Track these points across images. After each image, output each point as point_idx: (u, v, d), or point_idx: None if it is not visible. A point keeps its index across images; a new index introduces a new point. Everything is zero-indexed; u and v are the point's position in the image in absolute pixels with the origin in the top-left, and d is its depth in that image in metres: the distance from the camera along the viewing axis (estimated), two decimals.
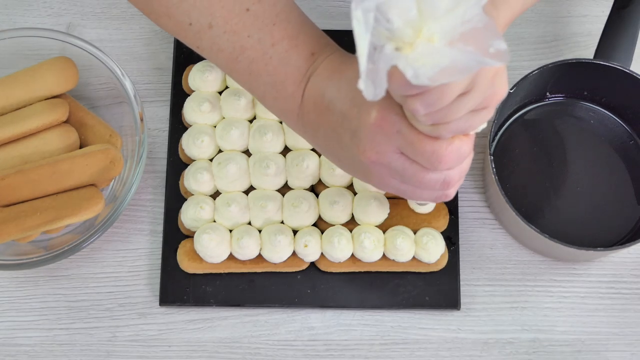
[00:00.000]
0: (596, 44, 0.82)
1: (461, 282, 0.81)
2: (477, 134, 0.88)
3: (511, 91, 0.79)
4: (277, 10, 0.64)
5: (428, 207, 0.81)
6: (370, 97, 0.47)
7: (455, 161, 0.59)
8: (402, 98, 0.53)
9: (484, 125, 0.58)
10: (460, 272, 0.81)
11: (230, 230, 0.81)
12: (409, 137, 0.57)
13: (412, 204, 0.81)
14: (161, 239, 0.82)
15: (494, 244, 0.83)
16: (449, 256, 0.81)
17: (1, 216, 0.78)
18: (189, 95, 0.85)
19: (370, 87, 0.47)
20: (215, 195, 0.82)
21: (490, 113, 0.56)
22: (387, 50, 0.47)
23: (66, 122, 0.82)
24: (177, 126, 0.85)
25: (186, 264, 0.80)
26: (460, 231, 0.83)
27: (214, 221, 0.81)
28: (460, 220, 0.83)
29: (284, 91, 0.64)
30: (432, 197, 0.63)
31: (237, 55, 0.64)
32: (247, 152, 0.83)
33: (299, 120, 0.65)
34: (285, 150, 0.83)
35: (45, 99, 0.82)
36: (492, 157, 0.77)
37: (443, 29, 0.46)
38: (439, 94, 0.50)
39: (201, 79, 0.84)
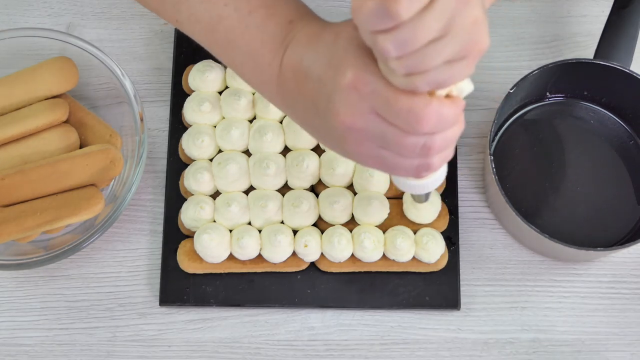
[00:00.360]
0: (596, 44, 0.82)
1: (461, 282, 0.81)
2: (475, 134, 0.88)
3: (511, 91, 0.79)
4: None
5: (427, 213, 0.80)
6: None
7: (436, 124, 0.55)
8: (372, 38, 0.50)
9: (470, 89, 0.55)
10: (460, 272, 0.81)
11: (230, 230, 0.81)
12: (384, 94, 0.54)
13: (410, 212, 0.80)
14: (161, 239, 0.82)
15: (494, 244, 0.83)
16: (449, 256, 0.81)
17: (1, 216, 0.78)
18: (189, 95, 0.85)
19: None
20: (215, 195, 0.82)
21: (469, 66, 0.53)
22: None
23: (66, 122, 0.82)
24: (177, 126, 0.85)
25: (186, 264, 0.80)
26: (460, 231, 0.83)
27: (214, 221, 0.81)
28: (460, 220, 0.83)
29: (261, 60, 0.62)
30: (413, 166, 0.59)
31: (214, 25, 0.63)
32: (247, 152, 0.83)
33: (278, 90, 0.63)
34: (285, 150, 0.83)
35: (45, 99, 0.82)
36: (492, 157, 0.77)
37: None
38: (411, 31, 0.47)
39: (201, 79, 0.84)
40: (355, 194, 0.81)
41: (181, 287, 0.81)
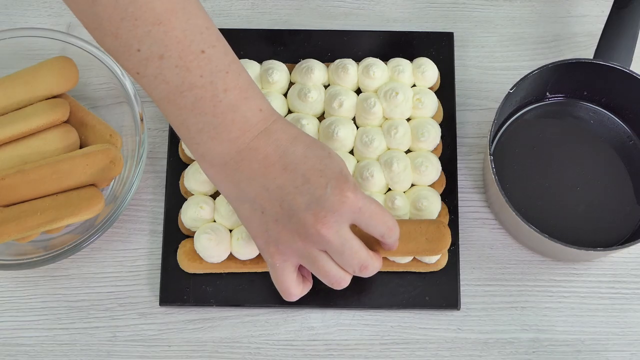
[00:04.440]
0: (596, 44, 0.82)
1: (461, 282, 0.81)
2: (475, 134, 0.89)
3: (511, 91, 0.79)
4: (229, 60, 0.67)
5: (429, 215, 0.80)
6: None
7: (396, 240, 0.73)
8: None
9: None
10: (460, 272, 0.81)
11: (230, 230, 0.81)
12: (368, 212, 0.69)
13: (410, 212, 0.81)
14: (161, 239, 0.82)
15: (494, 244, 0.83)
16: (449, 256, 0.81)
17: (1, 216, 0.78)
18: None
19: None
20: (215, 195, 0.82)
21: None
22: None
23: (66, 122, 0.82)
24: None
25: (186, 264, 0.80)
26: (460, 231, 0.83)
27: (214, 221, 0.81)
28: (460, 220, 0.83)
29: (226, 134, 0.67)
30: (338, 278, 0.72)
31: (183, 91, 0.65)
32: None
33: (229, 163, 0.68)
34: None
35: (45, 99, 0.82)
36: (492, 157, 0.77)
37: None
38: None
39: None
40: None
41: (181, 287, 0.81)
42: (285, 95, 0.85)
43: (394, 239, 0.72)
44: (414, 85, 0.85)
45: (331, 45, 0.88)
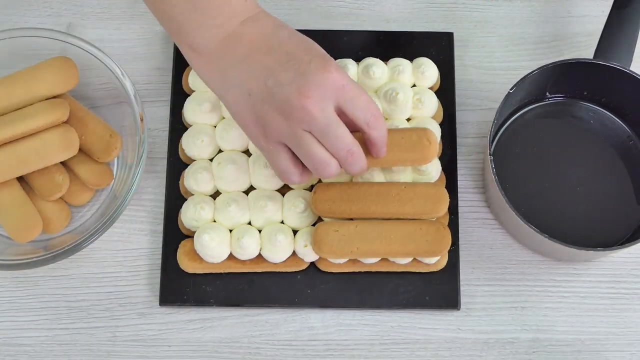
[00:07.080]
0: (596, 44, 0.82)
1: (461, 282, 0.81)
2: (475, 134, 0.89)
3: (511, 91, 0.79)
4: None
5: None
6: None
7: (382, 128, 0.72)
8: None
9: None
10: (460, 272, 0.81)
11: (230, 230, 0.81)
12: (353, 91, 0.68)
13: None
14: (161, 239, 0.82)
15: (494, 244, 0.83)
16: (449, 256, 0.81)
17: None
18: (189, 95, 0.85)
19: None
20: (215, 195, 0.82)
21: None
22: None
23: (66, 122, 0.82)
24: (177, 126, 0.85)
25: (186, 264, 0.80)
26: (460, 231, 0.83)
27: (214, 221, 0.81)
28: (460, 220, 0.83)
29: (212, 20, 0.69)
30: (324, 162, 0.70)
31: None
32: (247, 152, 0.83)
33: (216, 51, 0.70)
34: None
35: (45, 99, 0.82)
36: (492, 157, 0.77)
37: None
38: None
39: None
40: None
41: (181, 287, 0.81)
42: None
43: (380, 133, 0.71)
44: (414, 85, 0.85)
45: (331, 45, 0.88)
